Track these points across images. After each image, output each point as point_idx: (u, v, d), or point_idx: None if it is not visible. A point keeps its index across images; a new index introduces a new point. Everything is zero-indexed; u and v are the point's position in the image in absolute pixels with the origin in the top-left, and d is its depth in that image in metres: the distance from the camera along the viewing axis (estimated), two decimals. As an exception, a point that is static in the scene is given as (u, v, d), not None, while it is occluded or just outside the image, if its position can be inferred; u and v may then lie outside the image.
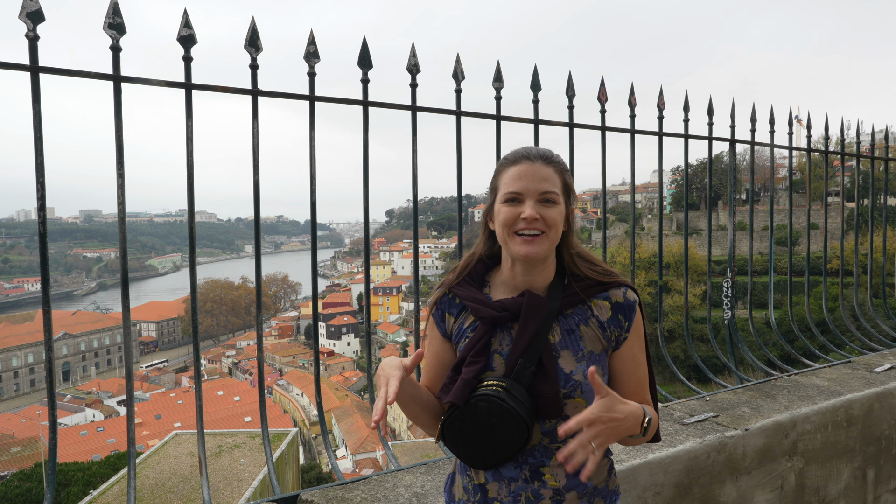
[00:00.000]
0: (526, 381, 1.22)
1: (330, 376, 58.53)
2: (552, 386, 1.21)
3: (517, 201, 1.27)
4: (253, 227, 2.02)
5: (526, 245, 1.24)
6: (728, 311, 3.44)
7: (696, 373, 3.77)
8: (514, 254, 1.27)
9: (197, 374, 2.05)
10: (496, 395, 1.19)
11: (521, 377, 1.22)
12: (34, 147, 1.63)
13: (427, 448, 22.77)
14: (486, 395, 1.20)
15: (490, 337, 1.28)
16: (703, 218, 52.21)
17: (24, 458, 31.78)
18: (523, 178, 1.27)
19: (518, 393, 1.20)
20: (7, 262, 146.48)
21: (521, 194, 1.26)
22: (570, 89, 2.60)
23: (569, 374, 1.24)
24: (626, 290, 1.31)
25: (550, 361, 1.23)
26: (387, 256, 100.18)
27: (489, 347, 1.28)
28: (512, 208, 1.27)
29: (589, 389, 1.24)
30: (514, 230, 1.26)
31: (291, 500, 1.92)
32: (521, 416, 1.18)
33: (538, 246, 1.25)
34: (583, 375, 1.24)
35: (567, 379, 1.23)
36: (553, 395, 1.21)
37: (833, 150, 3.93)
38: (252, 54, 1.93)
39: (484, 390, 1.21)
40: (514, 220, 1.26)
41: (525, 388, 1.22)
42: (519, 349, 1.24)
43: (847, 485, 2.81)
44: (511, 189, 1.27)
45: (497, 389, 1.20)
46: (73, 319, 78.87)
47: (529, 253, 1.24)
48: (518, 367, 1.22)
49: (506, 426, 1.18)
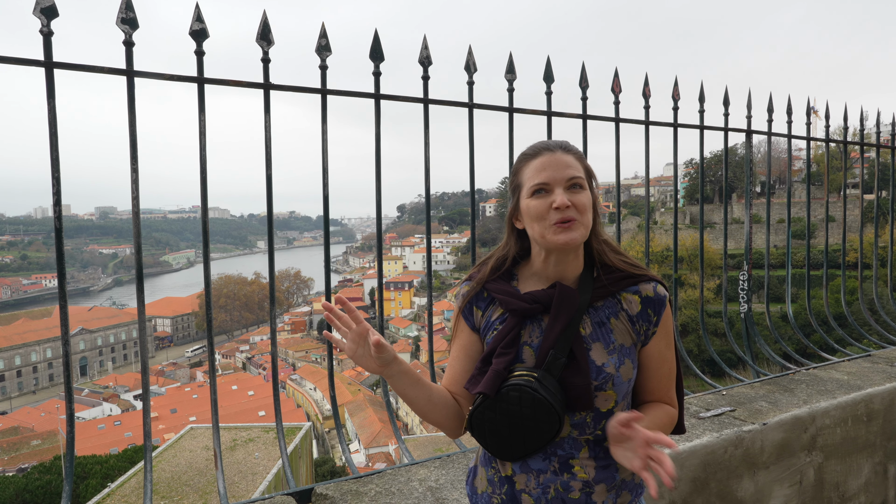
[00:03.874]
0: (557, 373, 1.21)
1: (343, 371, 58.83)
2: (584, 378, 1.20)
3: (545, 192, 1.25)
4: (266, 222, 2.02)
5: (564, 233, 1.22)
6: (744, 305, 3.39)
7: (710, 367, 3.72)
8: (553, 244, 1.24)
9: (211, 368, 2.06)
10: (528, 384, 1.18)
11: (552, 368, 1.21)
12: (49, 143, 1.64)
13: (440, 443, 22.84)
14: (518, 384, 1.19)
15: (520, 329, 1.27)
16: (717, 211, 51.66)
17: (44, 451, 32.32)
18: (547, 167, 1.25)
19: (550, 384, 1.19)
20: (25, 258, 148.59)
21: (549, 184, 1.25)
22: (583, 80, 2.57)
23: (600, 367, 1.22)
24: (656, 285, 1.29)
25: (582, 353, 1.22)
26: (399, 251, 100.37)
27: (519, 339, 1.27)
28: (541, 200, 1.25)
29: (620, 382, 1.23)
30: (550, 222, 1.24)
31: (306, 494, 1.92)
32: (553, 406, 1.17)
33: (575, 231, 1.23)
34: (614, 368, 1.23)
35: (599, 371, 1.22)
36: (585, 386, 1.20)
37: (851, 140, 3.85)
38: (264, 48, 1.93)
39: (515, 380, 1.20)
40: (546, 211, 1.24)
41: (556, 379, 1.21)
42: (550, 340, 1.23)
43: (867, 480, 2.77)
44: (537, 181, 1.26)
45: (529, 380, 1.19)
46: (89, 315, 79.89)
47: (569, 240, 1.22)
48: (549, 359, 1.21)
49: (537, 416, 1.17)
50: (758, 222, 38.82)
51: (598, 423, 1.24)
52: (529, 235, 1.31)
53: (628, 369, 1.25)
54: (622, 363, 1.24)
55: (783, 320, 20.31)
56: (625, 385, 1.24)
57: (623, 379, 1.24)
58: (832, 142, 3.71)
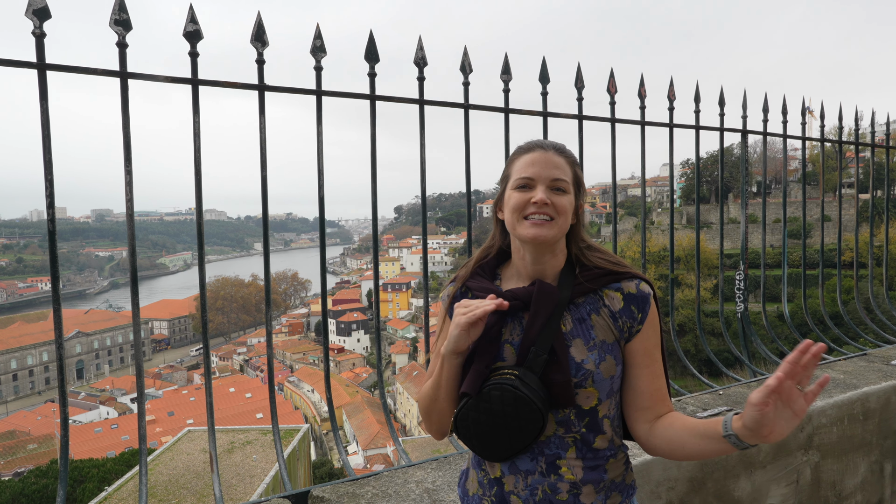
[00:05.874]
0: (538, 370, 1.21)
1: (340, 373, 58.78)
2: (564, 374, 1.20)
3: (528, 187, 1.27)
4: (262, 224, 2.01)
5: (534, 227, 1.24)
6: (741, 304, 3.40)
7: (707, 367, 3.73)
8: (522, 237, 1.26)
9: (207, 371, 2.06)
10: (509, 383, 1.18)
11: (533, 366, 1.21)
12: (42, 145, 1.64)
13: (437, 444, 22.82)
14: (500, 383, 1.19)
15: (500, 327, 1.27)
16: (713, 211, 51.78)
17: (41, 455, 32.20)
18: (535, 164, 1.28)
19: (531, 381, 1.19)
20: (21, 261, 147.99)
21: (533, 180, 1.27)
22: (578, 81, 2.57)
23: (580, 363, 1.22)
24: (639, 283, 1.29)
25: (562, 350, 1.22)
26: (396, 253, 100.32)
27: (500, 337, 1.27)
28: (523, 194, 1.27)
29: (600, 379, 1.23)
30: (523, 214, 1.26)
31: (303, 496, 1.92)
32: (534, 403, 1.17)
33: (546, 230, 1.24)
34: (594, 364, 1.23)
35: (578, 368, 1.22)
36: (565, 383, 1.20)
37: (846, 139, 3.87)
38: (258, 49, 1.92)
39: (497, 379, 1.20)
40: (524, 205, 1.26)
41: (538, 376, 1.21)
42: (530, 337, 1.23)
43: (864, 479, 2.77)
44: (523, 175, 1.28)
45: (510, 378, 1.19)
46: (86, 318, 79.69)
47: (537, 235, 1.24)
48: (530, 356, 1.22)
49: (520, 414, 1.17)
50: (754, 222, 38.94)
51: (581, 420, 1.24)
52: (506, 227, 1.32)
53: (610, 366, 1.24)
54: (602, 359, 1.24)
55: (780, 320, 20.35)
56: (607, 382, 1.24)
57: (604, 376, 1.23)
58: (827, 141, 3.72)
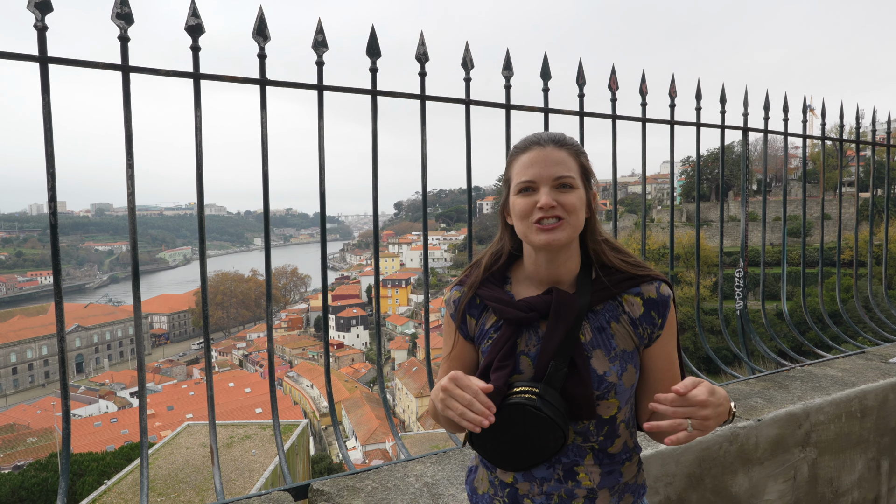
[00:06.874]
0: (559, 385, 1.15)
1: (339, 368, 58.85)
2: (585, 388, 1.15)
3: (531, 190, 1.19)
4: (262, 219, 2.01)
5: (545, 233, 1.16)
6: (740, 302, 3.41)
7: (706, 364, 3.73)
8: (535, 244, 1.19)
9: (208, 365, 2.06)
10: (531, 403, 1.11)
11: (553, 381, 1.15)
12: (44, 138, 1.63)
13: (436, 439, 22.87)
14: (521, 403, 1.12)
15: (516, 338, 1.21)
16: (713, 209, 51.74)
17: (40, 449, 32.29)
18: (535, 164, 1.19)
19: (553, 398, 1.13)
20: (21, 255, 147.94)
21: (535, 182, 1.18)
22: (580, 77, 2.57)
23: (602, 376, 1.17)
24: (659, 285, 1.23)
25: (583, 363, 1.16)
26: (395, 249, 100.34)
27: (515, 349, 1.21)
28: (527, 198, 1.19)
29: (622, 389, 1.19)
30: (531, 221, 1.18)
31: (303, 489, 1.92)
32: (557, 424, 1.11)
33: (558, 233, 1.16)
34: (616, 376, 1.18)
35: (601, 380, 1.17)
36: (587, 396, 1.15)
37: (847, 138, 3.87)
38: (260, 44, 1.92)
39: (516, 399, 1.12)
40: (530, 211, 1.18)
41: (558, 391, 1.15)
42: (550, 351, 1.16)
43: (861, 476, 2.78)
44: (523, 178, 1.19)
45: (530, 397, 1.12)
46: (85, 312, 79.72)
47: (550, 241, 1.16)
48: (550, 370, 1.15)
49: (542, 435, 1.12)
50: (754, 220, 38.92)
51: (601, 429, 1.21)
52: (518, 234, 1.25)
53: (631, 375, 1.20)
54: (624, 370, 1.19)
55: (779, 318, 20.36)
56: (627, 391, 1.21)
57: (626, 386, 1.20)
58: (828, 139, 3.72)
